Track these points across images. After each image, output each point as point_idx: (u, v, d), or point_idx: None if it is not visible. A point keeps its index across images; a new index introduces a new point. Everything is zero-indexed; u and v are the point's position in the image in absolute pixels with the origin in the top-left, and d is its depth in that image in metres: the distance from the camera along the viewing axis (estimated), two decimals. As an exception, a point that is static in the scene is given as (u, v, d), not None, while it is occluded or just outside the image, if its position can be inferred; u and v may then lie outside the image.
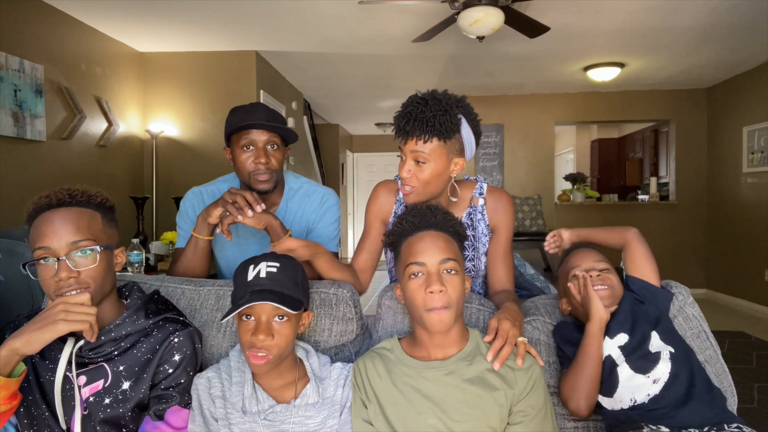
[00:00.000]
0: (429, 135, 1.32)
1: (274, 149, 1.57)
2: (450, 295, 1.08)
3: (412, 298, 1.11)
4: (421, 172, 1.35)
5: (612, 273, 1.29)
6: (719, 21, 3.95)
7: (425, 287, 1.08)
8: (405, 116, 1.34)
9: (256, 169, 1.54)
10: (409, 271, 1.12)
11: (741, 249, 5.61)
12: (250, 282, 1.12)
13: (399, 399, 1.11)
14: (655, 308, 1.27)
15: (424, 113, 1.32)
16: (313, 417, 1.14)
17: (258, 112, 1.56)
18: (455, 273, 1.11)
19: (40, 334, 0.97)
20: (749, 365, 3.67)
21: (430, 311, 1.08)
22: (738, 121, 5.62)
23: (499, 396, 1.08)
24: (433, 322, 1.08)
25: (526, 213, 5.40)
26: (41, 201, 1.08)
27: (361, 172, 10.01)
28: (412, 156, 1.35)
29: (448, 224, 1.17)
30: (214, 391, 1.14)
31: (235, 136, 1.56)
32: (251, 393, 1.13)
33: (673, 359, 1.17)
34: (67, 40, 3.67)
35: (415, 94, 1.38)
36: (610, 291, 1.26)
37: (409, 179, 1.37)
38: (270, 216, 1.48)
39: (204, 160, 4.56)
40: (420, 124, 1.32)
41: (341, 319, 1.36)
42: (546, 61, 5.02)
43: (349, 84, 5.91)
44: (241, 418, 1.11)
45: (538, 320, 1.36)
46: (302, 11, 3.66)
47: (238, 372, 1.16)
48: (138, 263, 2.52)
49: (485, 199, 1.49)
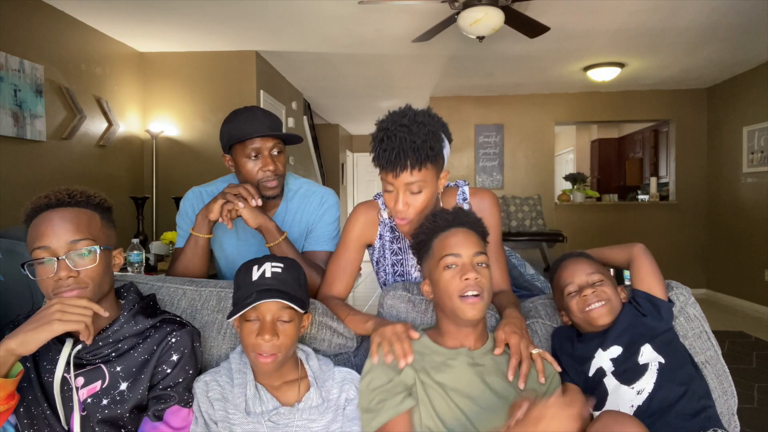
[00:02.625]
0: (422, 163, 1.25)
1: (278, 154, 1.59)
2: (483, 284, 1.12)
3: (446, 286, 1.13)
4: (417, 201, 1.29)
5: (606, 282, 1.27)
6: (719, 21, 3.95)
7: (460, 275, 1.12)
8: (392, 149, 1.23)
9: (265, 176, 1.56)
10: (444, 263, 1.15)
11: (741, 249, 5.61)
12: (256, 282, 1.12)
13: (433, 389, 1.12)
14: (658, 322, 1.25)
15: (414, 141, 1.23)
16: (317, 420, 1.14)
17: (257, 118, 1.56)
18: (486, 266, 1.16)
19: (35, 334, 0.97)
20: (749, 365, 3.67)
21: (464, 298, 1.11)
22: (738, 121, 5.62)
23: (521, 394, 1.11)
24: (466, 309, 1.11)
25: (526, 213, 5.39)
26: (40, 201, 1.07)
27: (361, 172, 10.01)
28: (406, 188, 1.28)
29: (477, 225, 1.23)
30: (213, 394, 1.14)
31: (239, 145, 1.56)
32: (254, 394, 1.13)
33: (661, 370, 1.16)
34: (67, 40, 3.66)
35: (390, 119, 1.28)
36: (607, 306, 1.23)
37: (407, 212, 1.30)
38: (266, 217, 1.50)
39: (204, 160, 4.56)
40: (412, 153, 1.23)
41: (341, 335, 1.37)
42: (546, 61, 5.01)
43: (349, 84, 5.91)
44: (244, 419, 1.11)
45: (537, 323, 1.36)
46: (302, 11, 3.66)
47: (240, 374, 1.16)
48: (138, 263, 2.52)
49: (470, 204, 1.46)
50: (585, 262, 1.30)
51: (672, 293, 1.34)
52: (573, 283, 1.27)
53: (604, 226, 6.50)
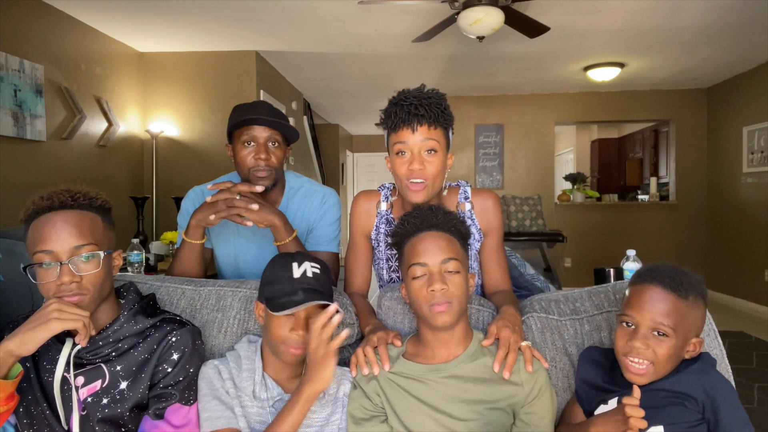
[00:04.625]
0: (437, 120, 1.27)
1: (275, 146, 1.57)
2: (452, 292, 1.10)
3: (415, 296, 1.13)
4: (431, 164, 1.29)
5: (669, 343, 1.04)
6: (719, 21, 3.95)
7: (427, 286, 1.10)
8: (407, 106, 1.26)
9: (256, 165, 1.54)
10: (411, 272, 1.13)
11: (741, 249, 5.61)
12: (299, 279, 1.15)
13: (403, 401, 1.13)
14: (694, 416, 1.03)
15: (429, 99, 1.27)
16: (317, 412, 1.16)
17: (261, 109, 1.56)
18: (457, 272, 1.12)
19: (33, 334, 0.97)
20: (749, 365, 3.67)
21: (433, 307, 1.10)
22: (738, 121, 5.62)
23: (503, 399, 1.09)
24: (436, 318, 1.10)
25: (526, 213, 5.39)
26: (42, 202, 1.05)
27: (361, 172, 10.01)
28: (422, 146, 1.28)
29: (449, 224, 1.17)
30: (224, 374, 1.17)
31: (237, 131, 1.56)
32: (261, 380, 1.16)
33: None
34: (67, 40, 3.66)
35: (402, 90, 1.32)
36: (649, 370, 1.04)
37: (421, 171, 1.29)
38: (274, 216, 1.47)
39: (204, 160, 4.56)
40: (428, 109, 1.25)
41: (341, 324, 1.36)
42: (546, 61, 5.01)
43: (349, 84, 5.91)
44: (251, 402, 1.14)
45: (532, 317, 1.35)
46: (302, 11, 3.66)
47: (248, 360, 1.19)
48: (138, 263, 2.52)
49: (472, 203, 1.46)
50: (667, 301, 1.05)
51: None
52: (634, 316, 1.06)
53: (604, 226, 6.50)
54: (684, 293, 1.05)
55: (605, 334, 1.31)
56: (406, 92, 1.31)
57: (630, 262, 1.65)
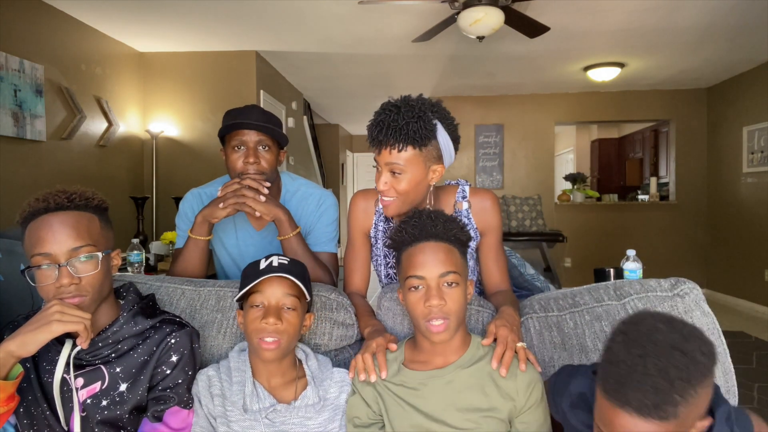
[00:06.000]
0: (403, 144, 1.26)
1: (265, 150, 1.56)
2: (450, 307, 1.08)
3: (412, 309, 1.11)
4: (398, 183, 1.30)
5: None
6: (719, 21, 3.95)
7: (424, 300, 1.08)
8: (377, 125, 1.28)
9: (245, 169, 1.53)
10: (408, 284, 1.11)
11: (741, 249, 5.61)
12: (263, 269, 1.14)
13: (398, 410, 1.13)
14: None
15: (396, 121, 1.25)
16: (313, 418, 1.14)
17: (251, 113, 1.56)
18: (456, 285, 1.10)
19: (34, 336, 0.97)
20: (749, 365, 3.67)
21: (429, 322, 1.08)
22: (738, 121, 5.62)
23: (498, 406, 1.09)
24: (432, 334, 1.09)
25: (526, 213, 5.39)
26: (38, 204, 1.04)
27: (361, 172, 10.01)
28: (387, 167, 1.30)
29: (449, 233, 1.13)
30: (214, 390, 1.15)
31: (228, 136, 1.56)
32: (252, 391, 1.14)
33: None
34: (67, 40, 3.66)
35: (388, 101, 1.31)
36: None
37: (387, 191, 1.32)
38: (279, 209, 1.49)
39: (204, 160, 4.56)
40: (393, 132, 1.25)
41: (341, 324, 1.36)
42: (546, 61, 5.01)
43: (349, 84, 5.91)
44: (241, 416, 1.12)
45: (531, 318, 1.35)
46: (302, 11, 3.66)
47: (238, 372, 1.17)
48: (138, 263, 2.51)
49: (469, 203, 1.45)
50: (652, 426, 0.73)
51: (683, 287, 1.32)
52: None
53: (604, 226, 6.50)
54: (672, 409, 0.70)
55: (605, 323, 1.30)
56: (384, 107, 1.30)
57: (630, 262, 1.65)
